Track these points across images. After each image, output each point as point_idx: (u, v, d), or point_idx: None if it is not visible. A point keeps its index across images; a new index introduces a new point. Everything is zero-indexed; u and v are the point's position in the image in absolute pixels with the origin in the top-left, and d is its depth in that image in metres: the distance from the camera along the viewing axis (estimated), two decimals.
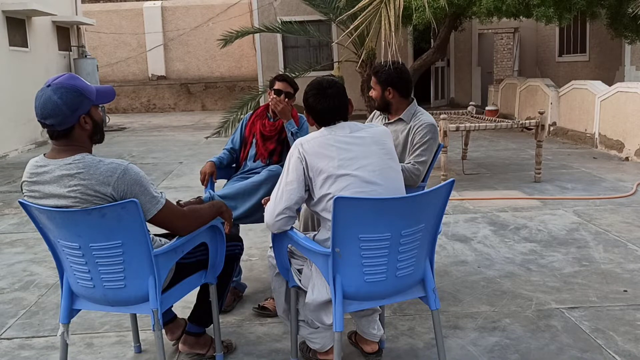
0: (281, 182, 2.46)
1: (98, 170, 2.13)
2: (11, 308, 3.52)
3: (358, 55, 11.00)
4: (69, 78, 2.17)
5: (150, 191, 2.23)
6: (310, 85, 2.59)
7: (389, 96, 3.36)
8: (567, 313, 3.23)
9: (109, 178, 2.13)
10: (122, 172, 2.15)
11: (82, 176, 2.12)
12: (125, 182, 2.15)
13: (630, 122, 7.94)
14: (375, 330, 2.73)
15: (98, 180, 2.13)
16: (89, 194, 2.13)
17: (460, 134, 7.71)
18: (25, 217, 5.39)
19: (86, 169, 2.13)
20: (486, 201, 5.76)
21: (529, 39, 16.97)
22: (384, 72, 3.34)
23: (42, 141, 11.20)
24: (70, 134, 2.17)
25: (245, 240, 4.64)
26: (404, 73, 3.37)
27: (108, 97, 2.29)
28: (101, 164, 2.15)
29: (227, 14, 17.82)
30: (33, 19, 11.27)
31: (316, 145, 2.40)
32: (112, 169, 2.14)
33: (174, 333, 2.94)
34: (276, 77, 3.71)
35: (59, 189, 2.14)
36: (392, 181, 2.45)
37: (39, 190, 2.19)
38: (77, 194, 2.13)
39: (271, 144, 3.66)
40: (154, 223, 2.30)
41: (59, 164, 2.15)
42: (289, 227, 2.49)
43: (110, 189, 2.14)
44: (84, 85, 2.19)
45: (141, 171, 2.23)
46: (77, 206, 2.15)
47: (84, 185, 2.12)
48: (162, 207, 2.26)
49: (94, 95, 2.21)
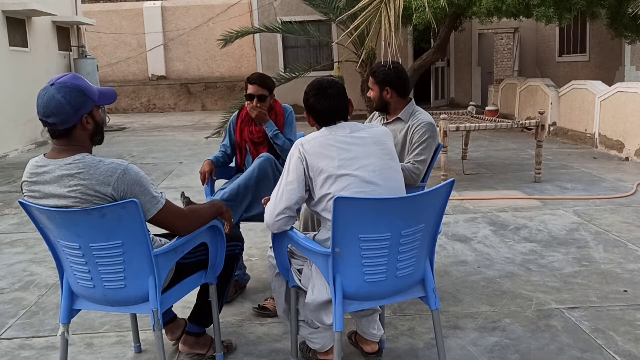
0: (281, 182, 2.46)
1: (98, 170, 2.13)
2: (11, 308, 3.52)
3: (358, 55, 11.00)
4: (73, 78, 2.18)
5: (150, 191, 2.23)
6: (311, 85, 2.59)
7: (387, 96, 3.36)
8: (567, 313, 3.23)
9: (109, 178, 2.13)
10: (122, 172, 2.15)
11: (82, 176, 2.12)
12: (126, 182, 2.15)
13: (630, 122, 7.94)
14: (375, 330, 2.73)
15: (98, 180, 2.12)
16: (89, 194, 2.13)
17: (460, 134, 7.71)
18: (25, 217, 5.39)
19: (86, 168, 2.13)
20: (486, 201, 5.76)
21: (529, 39, 16.97)
22: (381, 72, 3.34)
23: (42, 141, 11.20)
24: (71, 133, 2.18)
25: (245, 240, 4.64)
26: (402, 72, 3.38)
27: (109, 98, 2.30)
28: (101, 164, 2.15)
29: (227, 14, 17.82)
30: (33, 19, 11.27)
31: (316, 145, 2.40)
32: (112, 169, 2.14)
33: (174, 333, 2.94)
34: (247, 79, 3.58)
35: (59, 189, 2.14)
36: (392, 181, 2.45)
37: (39, 190, 2.19)
38: (77, 193, 2.13)
39: (263, 148, 3.65)
40: (154, 223, 2.30)
41: (59, 164, 2.15)
42: (289, 227, 2.49)
43: (110, 189, 2.14)
44: (87, 86, 2.20)
45: (141, 171, 2.23)
46: (77, 206, 2.15)
47: (84, 185, 2.12)
48: (162, 207, 2.26)
49: (96, 95, 2.22)
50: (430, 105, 15.64)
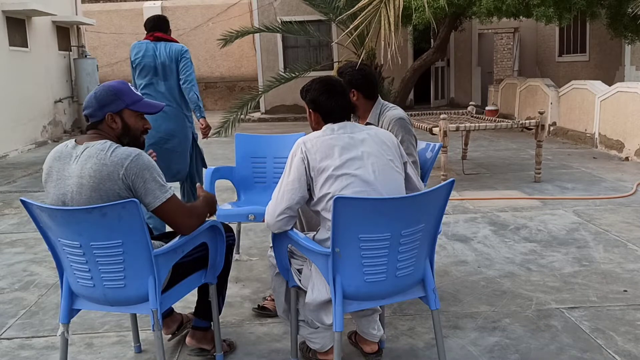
0: (282, 182, 2.46)
1: (115, 153, 2.26)
2: (11, 308, 3.52)
3: (358, 55, 10.98)
4: (116, 82, 2.44)
5: (159, 180, 2.32)
6: (318, 83, 2.56)
7: (353, 98, 3.17)
8: (567, 313, 3.23)
9: (124, 160, 2.25)
10: (136, 156, 2.28)
11: (100, 156, 2.25)
12: (138, 165, 2.26)
13: (630, 122, 7.94)
14: (375, 330, 2.73)
15: (113, 162, 2.24)
16: (102, 175, 2.23)
17: (460, 134, 7.71)
18: (26, 217, 5.39)
19: (104, 151, 2.27)
20: (486, 201, 5.76)
21: (529, 39, 16.97)
22: (347, 73, 3.19)
23: (42, 141, 11.20)
24: (98, 127, 2.38)
25: (245, 240, 4.67)
26: (369, 75, 3.23)
27: (152, 108, 2.49)
28: (119, 149, 2.29)
29: (227, 14, 17.82)
30: (33, 19, 11.27)
31: (319, 145, 2.40)
32: (127, 153, 2.28)
33: (169, 327, 2.96)
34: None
35: (79, 169, 2.26)
36: (392, 181, 2.45)
37: (60, 169, 2.30)
38: (94, 172, 2.23)
39: None
40: (158, 214, 2.34)
41: (84, 147, 2.31)
42: (289, 227, 2.49)
43: (123, 171, 2.23)
44: (123, 89, 2.40)
45: (153, 161, 2.34)
46: (90, 184, 2.23)
47: (100, 164, 2.24)
48: (169, 197, 2.32)
49: (131, 99, 2.41)
50: (430, 105, 15.65)
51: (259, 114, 15.31)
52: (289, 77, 11.16)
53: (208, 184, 3.77)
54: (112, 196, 2.24)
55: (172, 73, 4.28)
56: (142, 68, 4.28)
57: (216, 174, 3.93)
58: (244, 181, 4.05)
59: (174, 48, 4.30)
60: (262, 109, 15.57)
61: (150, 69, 4.27)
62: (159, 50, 4.28)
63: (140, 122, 2.46)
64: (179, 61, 4.27)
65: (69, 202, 2.27)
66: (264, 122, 14.73)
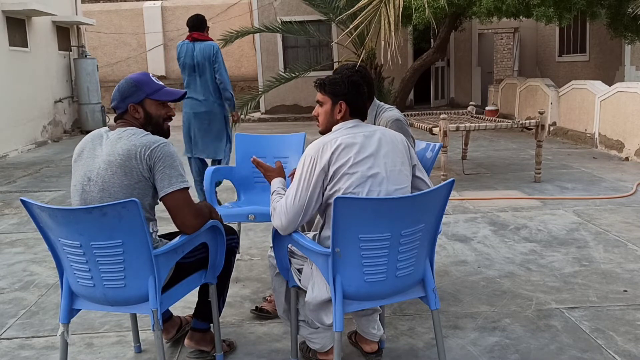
0: (301, 189, 2.40)
1: (145, 137, 2.38)
2: (11, 308, 3.52)
3: (358, 55, 10.99)
4: (139, 73, 2.55)
5: (179, 169, 2.40)
6: (358, 75, 2.65)
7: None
8: (567, 313, 3.23)
9: (152, 143, 2.36)
10: (164, 143, 2.40)
11: (131, 138, 2.37)
12: (163, 151, 2.36)
13: (630, 122, 7.94)
14: (375, 330, 2.73)
15: (142, 143, 2.35)
16: (130, 153, 2.33)
17: (460, 134, 7.71)
18: (26, 217, 5.39)
19: (136, 135, 2.39)
20: (486, 201, 5.76)
21: (529, 39, 16.97)
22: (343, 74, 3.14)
23: (42, 141, 11.19)
24: (123, 117, 2.50)
25: (245, 240, 4.67)
26: (365, 76, 3.14)
27: (171, 95, 2.55)
28: (149, 135, 2.42)
29: (227, 14, 17.81)
30: (33, 19, 11.27)
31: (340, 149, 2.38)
32: (157, 138, 2.41)
33: (169, 332, 2.95)
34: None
35: (108, 148, 2.38)
36: (399, 182, 2.45)
37: (92, 148, 2.42)
38: (122, 151, 2.34)
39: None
40: (167, 203, 2.38)
41: (116, 132, 2.44)
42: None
43: (149, 152, 2.34)
44: (143, 79, 2.50)
45: (177, 154, 2.43)
46: (118, 161, 2.33)
47: (130, 144, 2.35)
48: (184, 187, 2.38)
49: (151, 89, 2.49)
50: (430, 105, 15.64)
51: (259, 114, 15.31)
52: (289, 77, 11.16)
53: (208, 184, 3.77)
54: (135, 174, 2.33)
55: (207, 70, 5.24)
56: (184, 67, 5.27)
57: (216, 174, 3.92)
58: (244, 181, 4.04)
59: (207, 48, 5.22)
60: (262, 109, 15.56)
61: (190, 67, 5.24)
62: (196, 50, 5.22)
63: (163, 110, 2.55)
64: (212, 61, 5.23)
65: (95, 177, 2.36)
66: (264, 122, 14.73)
